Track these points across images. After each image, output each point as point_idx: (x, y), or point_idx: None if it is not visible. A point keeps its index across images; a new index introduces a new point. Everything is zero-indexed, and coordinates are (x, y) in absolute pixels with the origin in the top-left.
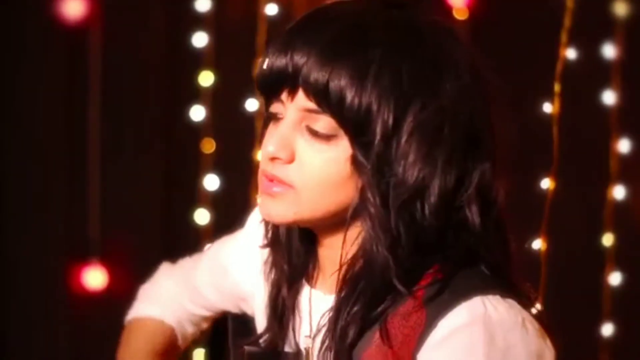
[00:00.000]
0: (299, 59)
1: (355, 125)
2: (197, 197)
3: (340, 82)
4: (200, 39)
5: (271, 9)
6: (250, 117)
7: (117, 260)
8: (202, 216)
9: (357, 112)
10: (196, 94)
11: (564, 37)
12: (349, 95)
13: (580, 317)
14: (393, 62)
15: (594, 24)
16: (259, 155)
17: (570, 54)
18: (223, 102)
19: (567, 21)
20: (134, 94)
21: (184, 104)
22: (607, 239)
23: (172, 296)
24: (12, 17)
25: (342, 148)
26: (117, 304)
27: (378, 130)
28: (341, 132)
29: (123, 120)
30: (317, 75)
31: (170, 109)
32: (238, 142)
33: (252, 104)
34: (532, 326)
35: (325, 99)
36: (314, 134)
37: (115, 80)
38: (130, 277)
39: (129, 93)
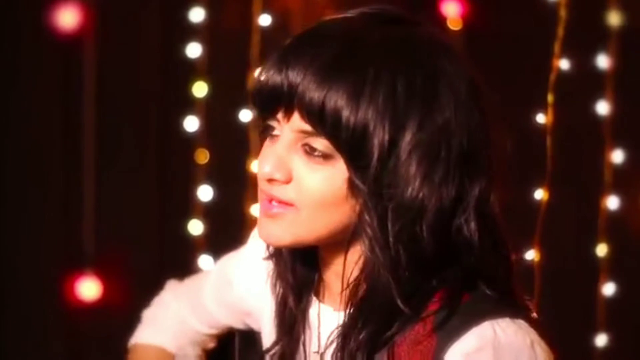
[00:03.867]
0: (294, 78)
1: (351, 147)
2: (191, 207)
3: (335, 103)
4: (194, 50)
5: (265, 20)
6: (244, 128)
7: (112, 271)
8: (196, 227)
9: (352, 132)
10: (190, 105)
11: (557, 47)
12: (344, 116)
13: (574, 328)
14: (388, 81)
15: (587, 35)
16: (254, 165)
17: (564, 64)
18: (217, 112)
19: (561, 32)
20: (128, 104)
21: (178, 114)
22: (601, 249)
23: (177, 319)
24: (7, 27)
25: (339, 169)
26: (111, 315)
27: (375, 151)
28: (337, 154)
29: (117, 130)
30: (312, 95)
31: (164, 120)
32: (232, 153)
33: (245, 115)
34: (541, 348)
35: (320, 121)
36: (311, 152)
37: (109, 90)
38: (124, 288)
39: (123, 103)
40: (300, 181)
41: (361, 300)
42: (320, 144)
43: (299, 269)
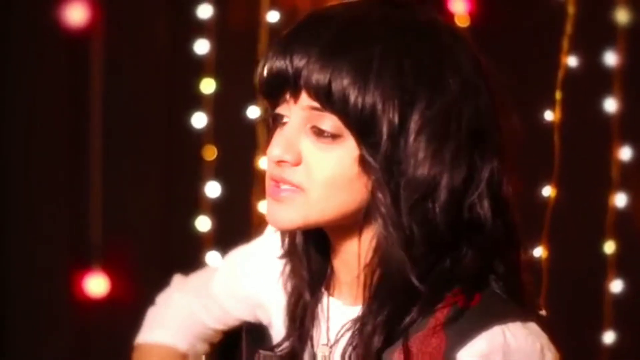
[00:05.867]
0: (299, 61)
1: (360, 124)
2: (198, 204)
3: (342, 82)
4: (202, 46)
5: (273, 16)
6: (251, 124)
7: (119, 267)
8: (203, 223)
9: (361, 111)
10: (198, 101)
11: (565, 44)
12: (352, 95)
13: (582, 325)
14: (394, 59)
15: (596, 31)
16: (262, 162)
17: (572, 61)
18: (224, 109)
19: (569, 28)
20: (135, 100)
21: (186, 110)
22: (609, 247)
23: (186, 316)
24: (14, 23)
25: (349, 148)
26: (119, 311)
27: (384, 129)
28: (346, 132)
29: (124, 127)
30: (318, 76)
31: (172, 116)
32: (240, 149)
33: (253, 111)
34: (550, 352)
35: (328, 99)
36: (319, 134)
37: (116, 86)
38: (132, 284)
39: (131, 99)
40: (310, 163)
41: (378, 284)
42: (329, 123)
43: (314, 264)
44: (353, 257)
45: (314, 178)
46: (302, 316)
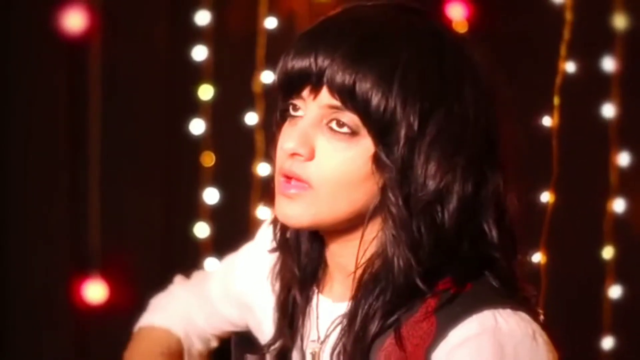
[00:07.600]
0: (324, 60)
1: (380, 125)
2: (197, 210)
3: (366, 84)
4: (200, 53)
5: (271, 23)
6: (250, 131)
7: (118, 273)
8: (202, 230)
9: (383, 113)
10: (196, 108)
11: (563, 50)
12: (375, 97)
13: (581, 330)
14: (418, 66)
15: (594, 37)
16: (260, 168)
17: (570, 67)
18: (223, 115)
19: (567, 34)
20: (133, 107)
21: (184, 117)
22: (607, 252)
23: (183, 309)
24: (14, 29)
25: (364, 146)
26: (117, 317)
27: (403, 132)
28: (363, 131)
29: (123, 133)
30: (343, 76)
31: (170, 122)
32: (238, 156)
33: (251, 118)
34: (542, 339)
35: (351, 99)
36: (336, 131)
37: (115, 93)
38: (130, 291)
39: (129, 106)
40: (322, 160)
41: (375, 278)
42: (347, 119)
43: (305, 259)
44: (348, 258)
45: (324, 175)
46: (293, 312)
